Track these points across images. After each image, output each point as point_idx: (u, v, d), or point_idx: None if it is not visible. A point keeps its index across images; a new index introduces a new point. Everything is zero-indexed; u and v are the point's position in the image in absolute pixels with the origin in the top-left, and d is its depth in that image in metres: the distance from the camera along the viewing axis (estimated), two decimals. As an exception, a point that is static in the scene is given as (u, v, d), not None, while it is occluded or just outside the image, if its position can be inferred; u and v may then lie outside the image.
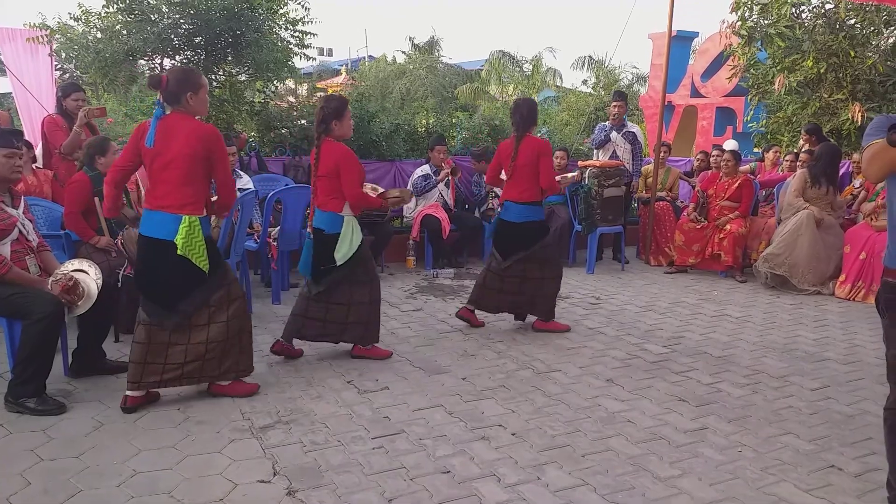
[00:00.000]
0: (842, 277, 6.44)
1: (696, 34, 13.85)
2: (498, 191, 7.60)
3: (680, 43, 12.55)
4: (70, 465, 2.96)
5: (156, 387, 3.54)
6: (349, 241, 4.18)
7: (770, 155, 8.26)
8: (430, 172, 7.36)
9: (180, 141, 3.36)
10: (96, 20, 7.99)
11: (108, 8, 7.68)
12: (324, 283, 4.24)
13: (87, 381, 3.88)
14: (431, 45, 23.67)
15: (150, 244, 3.47)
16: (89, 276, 3.77)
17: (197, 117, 3.53)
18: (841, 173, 7.26)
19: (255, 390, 3.76)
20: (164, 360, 3.50)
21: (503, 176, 5.08)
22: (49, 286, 3.62)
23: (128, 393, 3.49)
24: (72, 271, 3.75)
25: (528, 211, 4.90)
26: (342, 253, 4.16)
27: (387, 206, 4.68)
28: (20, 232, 3.71)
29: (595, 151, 7.86)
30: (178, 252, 3.37)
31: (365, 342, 4.39)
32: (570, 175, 6.34)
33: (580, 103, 15.46)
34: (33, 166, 5.42)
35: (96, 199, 4.64)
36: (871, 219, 6.37)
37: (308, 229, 4.34)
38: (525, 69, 20.64)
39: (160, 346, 3.49)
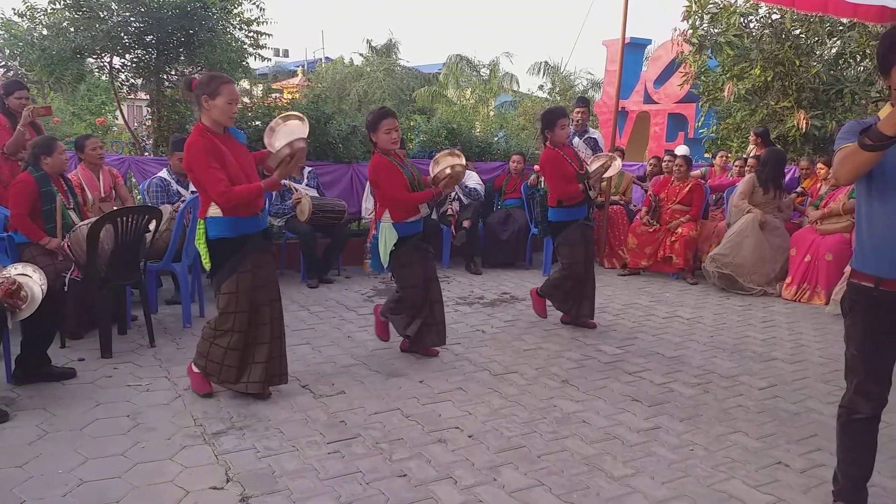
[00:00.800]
0: (788, 279, 6.64)
1: (649, 41, 14.18)
2: (459, 193, 7.67)
3: (633, 50, 12.81)
4: (13, 474, 2.86)
5: None
6: (383, 243, 4.23)
7: (717, 160, 8.47)
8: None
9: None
10: (42, 16, 7.79)
11: (55, 4, 7.48)
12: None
13: (32, 388, 3.75)
14: (389, 48, 23.62)
15: None
16: (33, 280, 3.65)
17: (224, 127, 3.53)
18: (787, 178, 7.49)
19: (210, 392, 3.71)
20: None
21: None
22: (-10, 290, 3.49)
23: None
24: (15, 275, 3.63)
25: (551, 212, 5.24)
26: (381, 257, 4.24)
27: (440, 193, 4.49)
28: (-40, 234, 3.58)
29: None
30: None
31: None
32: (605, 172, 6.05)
33: (536, 108, 15.65)
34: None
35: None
36: (818, 223, 6.58)
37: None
38: (483, 73, 20.75)
39: None
